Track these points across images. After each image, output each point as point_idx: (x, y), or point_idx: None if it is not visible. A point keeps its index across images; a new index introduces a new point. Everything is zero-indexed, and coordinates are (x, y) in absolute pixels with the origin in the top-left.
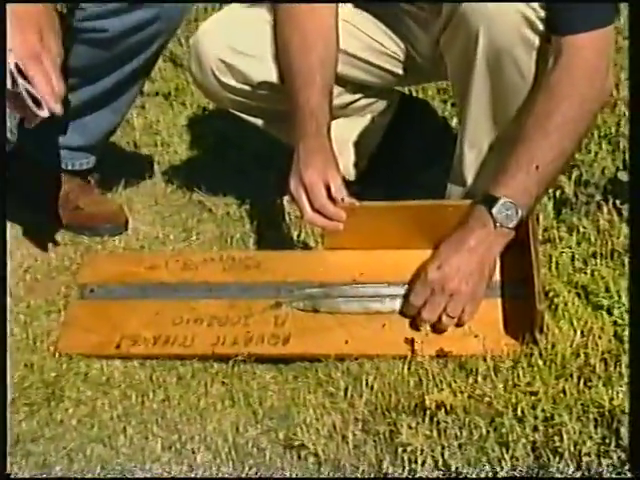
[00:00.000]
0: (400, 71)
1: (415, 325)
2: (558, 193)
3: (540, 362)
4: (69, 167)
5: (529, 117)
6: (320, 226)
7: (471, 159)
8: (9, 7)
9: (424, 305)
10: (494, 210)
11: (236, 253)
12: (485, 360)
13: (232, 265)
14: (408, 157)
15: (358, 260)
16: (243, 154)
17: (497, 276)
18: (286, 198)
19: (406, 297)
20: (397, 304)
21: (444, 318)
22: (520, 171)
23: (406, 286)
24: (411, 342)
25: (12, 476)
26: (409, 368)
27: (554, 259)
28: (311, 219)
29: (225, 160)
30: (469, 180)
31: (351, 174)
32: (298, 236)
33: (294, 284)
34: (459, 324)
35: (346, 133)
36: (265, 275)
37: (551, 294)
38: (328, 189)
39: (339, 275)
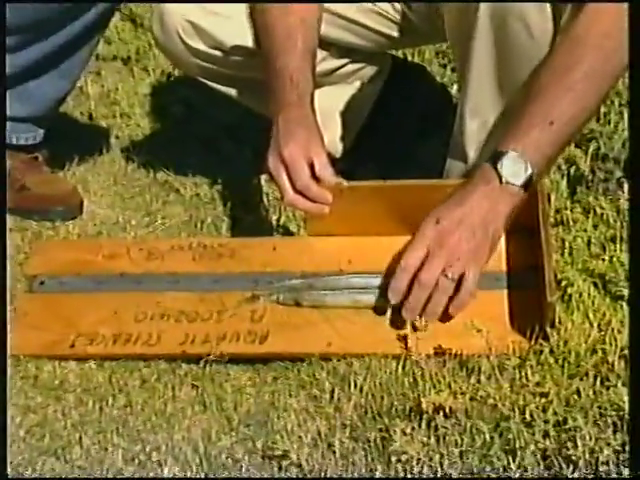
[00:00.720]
0: (392, 32)
1: (407, 320)
2: (573, 169)
3: (551, 360)
4: (13, 141)
5: (546, 70)
6: (302, 209)
7: (473, 130)
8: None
9: (420, 266)
10: (500, 164)
11: (207, 240)
12: (489, 358)
13: (203, 254)
14: (402, 130)
15: (346, 247)
16: (214, 127)
17: (502, 265)
18: (264, 177)
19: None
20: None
21: (442, 280)
22: (533, 127)
23: None
24: (404, 338)
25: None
26: (403, 367)
27: (568, 244)
28: (292, 201)
29: (194, 134)
30: (471, 154)
31: (338, 150)
32: (278, 220)
33: (273, 275)
34: (457, 293)
35: (332, 103)
36: (240, 265)
37: (564, 283)
38: (312, 167)
39: (324, 264)
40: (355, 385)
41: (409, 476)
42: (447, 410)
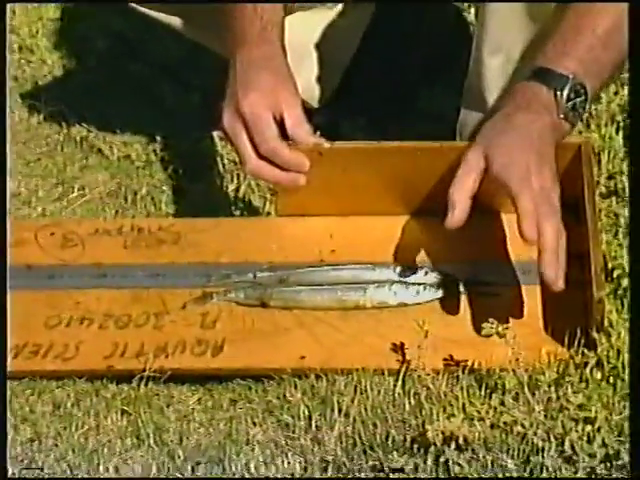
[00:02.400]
0: None
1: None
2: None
3: (598, 375)
4: None
5: None
6: (270, 180)
7: (494, 70)
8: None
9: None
10: (561, 94)
11: (143, 222)
12: (516, 372)
13: (137, 239)
14: (400, 70)
15: (328, 231)
16: (150, 67)
17: (534, 252)
18: (217, 133)
19: None
20: (388, 294)
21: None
22: (582, 33)
23: (399, 268)
24: (401, 347)
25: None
26: (403, 385)
27: (623, 221)
28: (256, 170)
29: (123, 76)
30: (491, 102)
31: (314, 98)
32: (236, 192)
33: (231, 266)
34: None
35: (306, 35)
36: (187, 254)
37: (617, 273)
38: (281, 123)
39: (299, 253)
40: (339, 410)
41: None
42: (461, 441)
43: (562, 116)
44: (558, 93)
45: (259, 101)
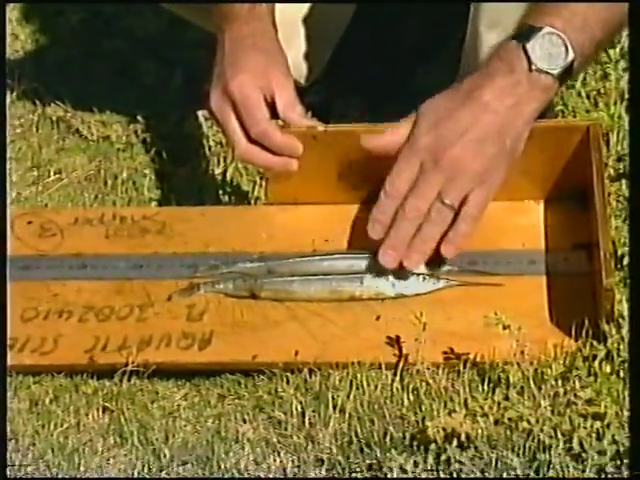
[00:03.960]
0: None
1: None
2: None
3: (607, 368)
4: None
5: None
6: (260, 165)
7: (491, 45)
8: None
9: (409, 191)
10: (530, 44)
11: (126, 210)
12: (520, 366)
13: (120, 229)
14: (394, 46)
15: (321, 219)
16: (131, 42)
17: (540, 241)
18: (202, 113)
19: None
20: (385, 284)
21: (436, 207)
22: None
23: None
24: (397, 341)
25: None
26: (401, 380)
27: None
28: (246, 154)
29: (101, 51)
30: None
31: (303, 74)
32: (223, 176)
33: (219, 256)
34: (463, 224)
35: (294, 9)
36: (173, 243)
37: (626, 260)
38: (272, 105)
39: (291, 242)
40: (334, 406)
41: None
42: (463, 438)
43: (534, 67)
44: (527, 45)
45: (249, 81)
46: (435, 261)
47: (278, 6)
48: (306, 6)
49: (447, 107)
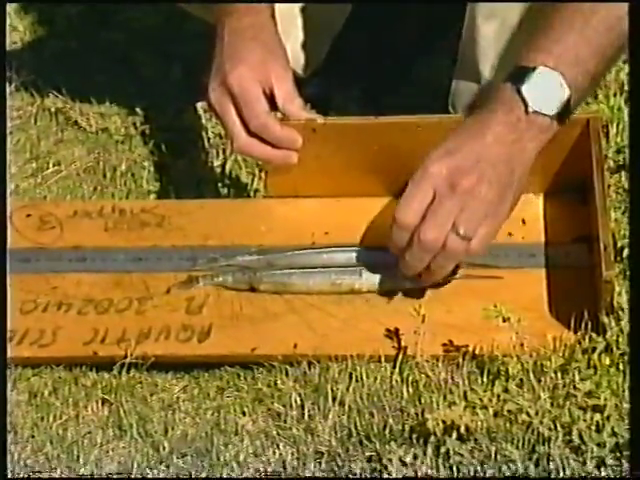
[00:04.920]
0: None
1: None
2: None
3: (607, 360)
4: None
5: None
6: (260, 158)
7: (488, 38)
8: None
9: (423, 218)
10: (525, 86)
11: (125, 203)
12: (520, 358)
13: (119, 221)
14: (395, 37)
15: (321, 213)
16: (129, 34)
17: (540, 235)
18: (201, 105)
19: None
20: (383, 278)
21: (451, 239)
22: (570, 31)
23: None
24: (395, 333)
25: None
26: (401, 372)
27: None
28: (245, 147)
29: (99, 43)
30: (486, 72)
31: (301, 66)
32: (222, 170)
33: (218, 249)
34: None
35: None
36: (172, 236)
37: (626, 253)
38: (271, 98)
39: (290, 235)
40: (334, 398)
41: None
42: (462, 430)
43: (531, 110)
44: (522, 88)
45: (248, 74)
46: None
47: None
48: None
49: (456, 140)
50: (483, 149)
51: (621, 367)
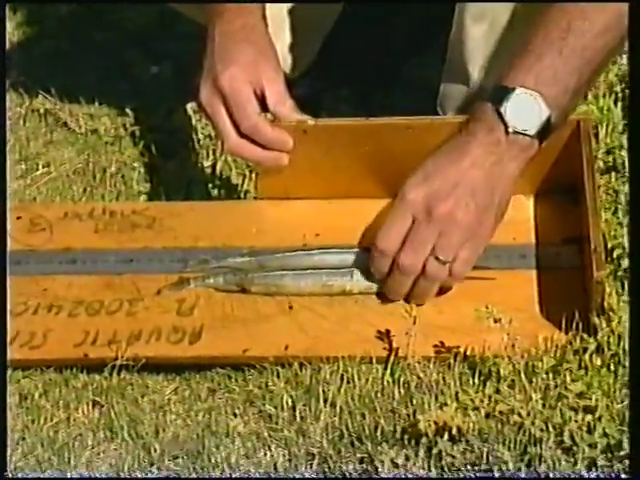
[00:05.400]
0: None
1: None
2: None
3: (598, 361)
4: None
5: None
6: (251, 159)
7: (477, 39)
8: None
9: (402, 244)
10: (504, 107)
11: (116, 205)
12: (511, 359)
13: (109, 223)
14: (386, 38)
15: (312, 215)
16: (119, 33)
17: (531, 236)
18: (190, 105)
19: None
20: (374, 279)
21: (431, 264)
22: (549, 49)
23: None
24: (387, 334)
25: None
26: (392, 374)
27: (623, 197)
28: (236, 149)
29: (89, 43)
30: (475, 74)
31: (289, 66)
32: (213, 171)
33: (209, 251)
34: (450, 280)
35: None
36: (163, 238)
37: (617, 253)
38: (262, 98)
39: (281, 237)
40: (325, 399)
41: None
42: (454, 431)
43: (511, 130)
44: (501, 109)
45: (239, 75)
46: None
47: None
48: None
49: (434, 165)
50: (461, 174)
51: (612, 368)
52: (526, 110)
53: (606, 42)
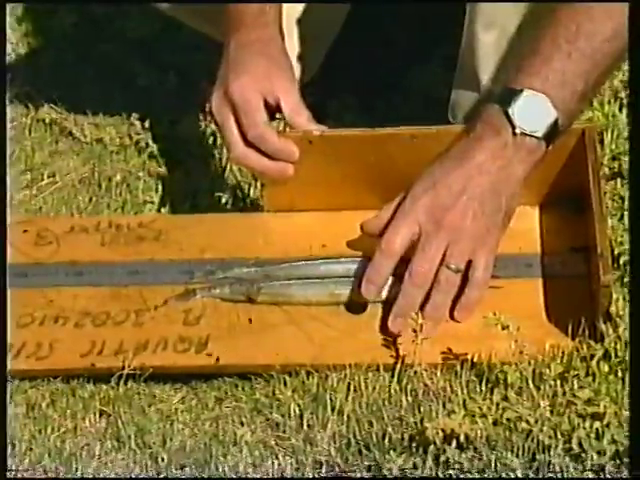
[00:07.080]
0: None
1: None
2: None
3: (605, 367)
4: None
5: None
6: (256, 169)
7: (488, 46)
8: None
9: (410, 251)
10: (512, 109)
11: (122, 217)
12: (519, 366)
13: (116, 236)
14: (390, 46)
15: (318, 226)
16: (124, 43)
17: (537, 245)
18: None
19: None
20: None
21: (444, 273)
22: (558, 52)
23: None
24: (393, 342)
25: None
26: (399, 381)
27: (628, 205)
28: (242, 157)
29: (92, 55)
30: (486, 81)
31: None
32: (218, 182)
33: (216, 262)
34: (476, 289)
35: (288, 10)
36: (169, 250)
37: (623, 260)
38: (273, 108)
39: (288, 247)
40: (333, 408)
41: None
42: (462, 439)
43: (518, 131)
44: (509, 110)
45: (250, 85)
46: None
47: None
48: (300, 6)
49: (441, 171)
50: (467, 181)
51: (619, 374)
52: (534, 111)
53: (614, 48)
